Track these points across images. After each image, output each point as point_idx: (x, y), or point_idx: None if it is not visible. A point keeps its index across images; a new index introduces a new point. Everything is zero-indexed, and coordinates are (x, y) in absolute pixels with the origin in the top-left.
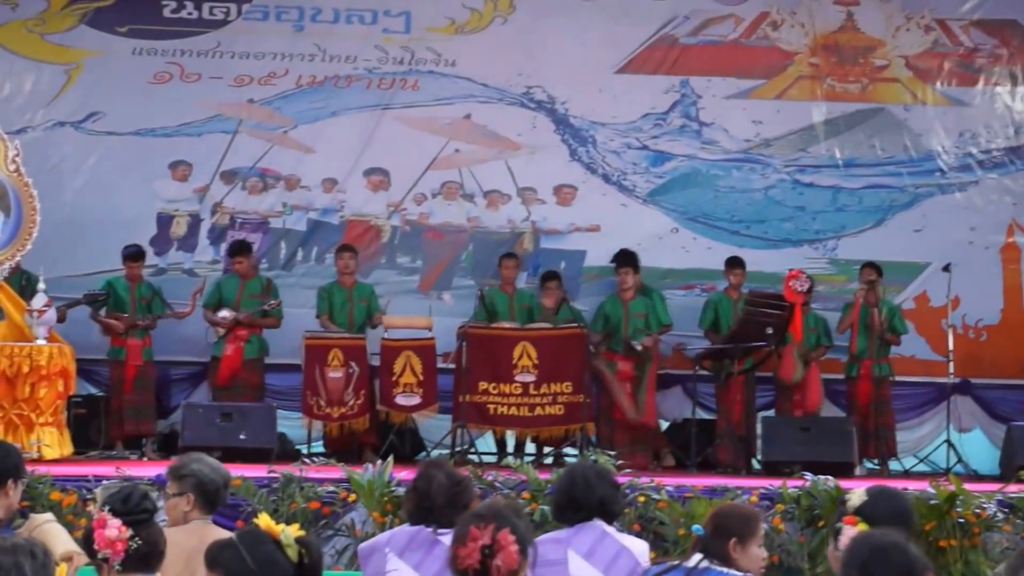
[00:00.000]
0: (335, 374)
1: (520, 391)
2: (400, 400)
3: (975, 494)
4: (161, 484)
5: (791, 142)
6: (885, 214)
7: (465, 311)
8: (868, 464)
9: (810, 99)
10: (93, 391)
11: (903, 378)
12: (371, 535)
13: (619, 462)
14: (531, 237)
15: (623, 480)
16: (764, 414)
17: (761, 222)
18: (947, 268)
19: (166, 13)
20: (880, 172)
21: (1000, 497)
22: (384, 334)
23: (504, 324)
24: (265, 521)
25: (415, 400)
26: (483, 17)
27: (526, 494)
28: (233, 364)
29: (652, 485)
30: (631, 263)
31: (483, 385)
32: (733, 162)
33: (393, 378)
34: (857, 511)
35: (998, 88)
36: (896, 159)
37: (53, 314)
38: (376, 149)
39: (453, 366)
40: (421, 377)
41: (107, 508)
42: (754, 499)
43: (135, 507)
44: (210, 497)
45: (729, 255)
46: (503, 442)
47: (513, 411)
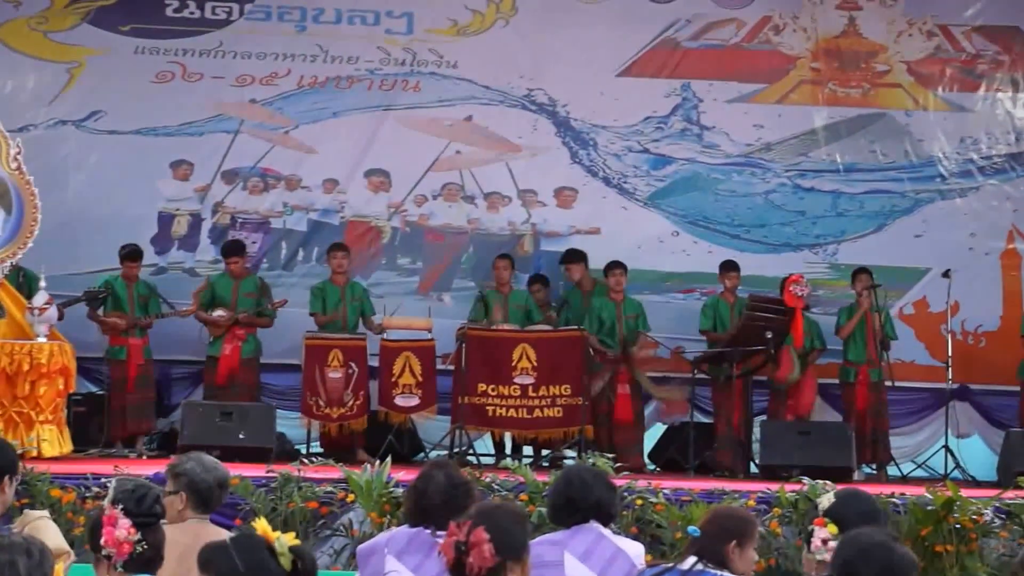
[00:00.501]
0: (335, 374)
1: (519, 393)
2: (399, 401)
3: (972, 500)
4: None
5: (792, 146)
6: (885, 219)
7: (464, 313)
8: (866, 469)
9: (811, 104)
10: (93, 389)
11: (902, 383)
12: (369, 535)
13: (617, 464)
14: (531, 239)
15: (621, 483)
16: (761, 418)
17: (761, 226)
18: (947, 274)
19: (169, 12)
20: (881, 177)
21: (997, 504)
22: (383, 335)
23: (504, 326)
24: (262, 527)
25: (414, 401)
26: (485, 19)
27: (523, 496)
28: (231, 364)
29: (650, 488)
30: (620, 265)
31: (482, 387)
32: (734, 166)
33: (392, 379)
34: (827, 513)
35: (999, 94)
36: (897, 164)
37: (54, 312)
38: (377, 150)
39: (452, 367)
40: (420, 378)
41: (120, 507)
42: (751, 503)
43: (147, 509)
44: (203, 497)
45: (727, 259)
46: (501, 444)
47: (512, 413)
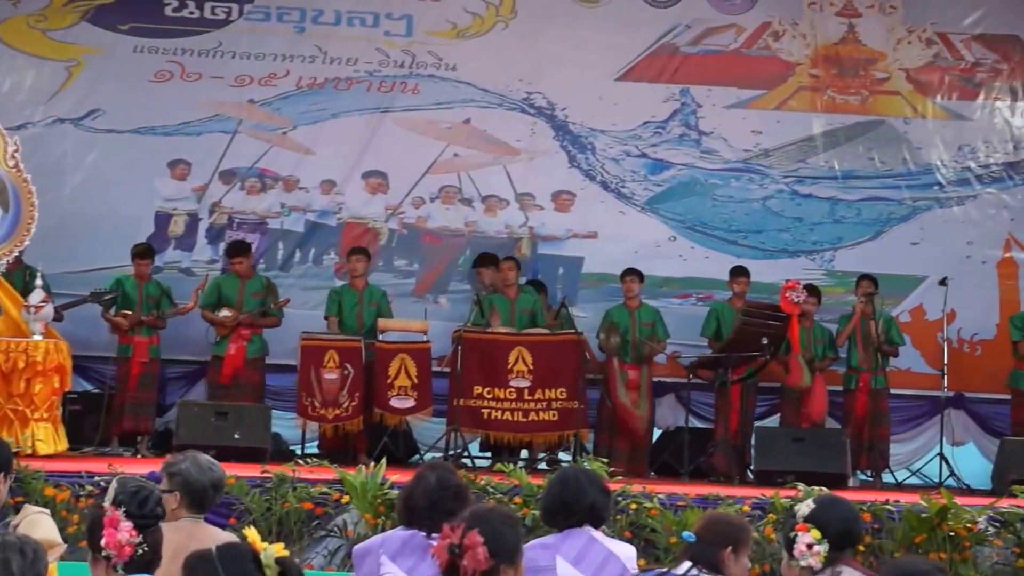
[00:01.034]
0: (330, 375)
1: (515, 396)
2: (394, 403)
3: (966, 508)
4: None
5: (790, 153)
6: (883, 227)
7: (461, 315)
8: (861, 476)
9: (810, 110)
10: (89, 388)
11: (897, 391)
12: (363, 536)
13: (612, 469)
14: (528, 243)
15: (615, 487)
16: (759, 424)
17: (758, 232)
18: (943, 282)
19: (168, 12)
20: (878, 185)
21: (991, 512)
22: (380, 337)
23: (500, 329)
24: (252, 536)
25: (409, 403)
26: (484, 22)
27: (518, 499)
28: (236, 363)
29: (644, 492)
30: (635, 272)
31: (478, 389)
32: (732, 172)
33: (388, 381)
34: (807, 519)
35: (998, 103)
36: (895, 172)
37: (50, 310)
38: (375, 152)
39: (448, 370)
40: (416, 380)
41: (123, 509)
42: (746, 508)
43: (149, 512)
44: (196, 498)
45: (727, 264)
46: (496, 446)
47: (507, 416)
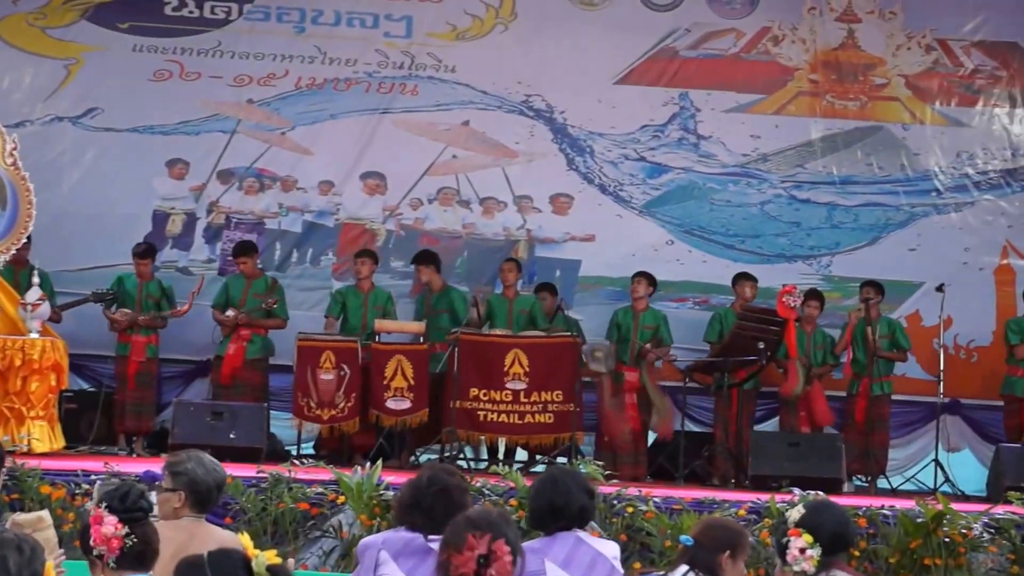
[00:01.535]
0: (327, 376)
1: (511, 398)
2: (390, 404)
3: (962, 514)
4: (148, 480)
5: (788, 158)
6: (880, 232)
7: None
8: (857, 481)
9: (809, 115)
10: (85, 386)
11: (893, 396)
12: (358, 537)
13: (607, 472)
14: (526, 245)
15: (610, 490)
16: (756, 428)
17: (756, 237)
18: (940, 288)
19: (167, 11)
20: (876, 190)
21: (986, 518)
22: (376, 338)
23: (496, 331)
24: (246, 542)
25: (405, 405)
26: (484, 24)
27: (513, 501)
28: (234, 363)
29: (640, 496)
30: (643, 274)
31: (474, 391)
32: (730, 176)
33: (384, 382)
34: (799, 524)
35: (997, 110)
36: (893, 178)
37: (47, 308)
38: (373, 153)
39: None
40: (412, 382)
41: (104, 505)
42: (742, 513)
43: (132, 505)
44: (201, 497)
45: (724, 268)
46: (493, 449)
47: (503, 418)
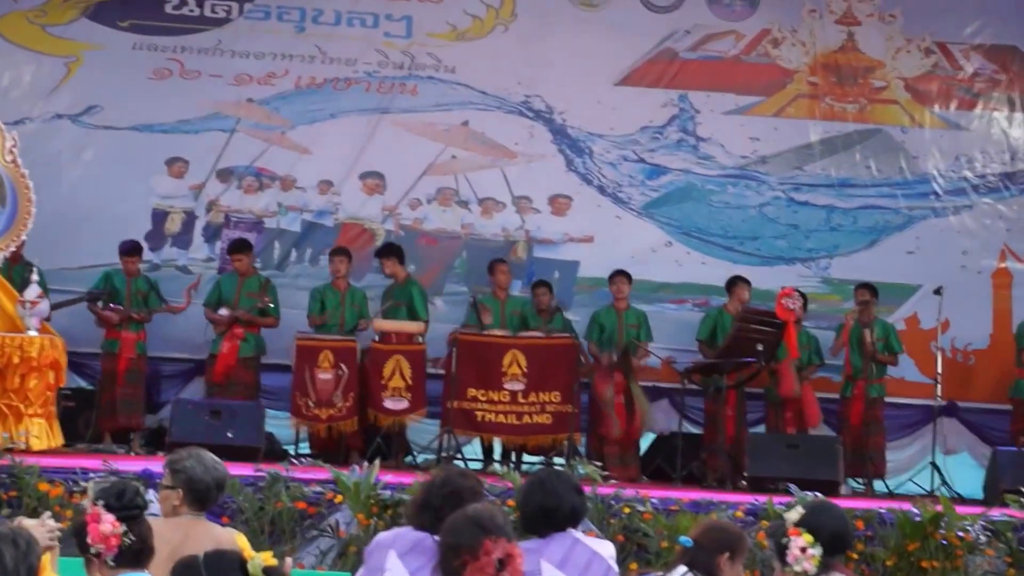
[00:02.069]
0: (325, 375)
1: (509, 399)
2: (388, 404)
3: (963, 515)
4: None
5: (787, 160)
6: (878, 235)
7: (457, 317)
8: (853, 484)
9: (808, 118)
10: (83, 384)
11: (891, 399)
12: (356, 537)
13: (605, 473)
14: (524, 246)
15: (608, 491)
16: (753, 430)
17: (755, 239)
18: (938, 291)
19: (168, 9)
20: (875, 193)
21: (983, 521)
22: (375, 338)
23: (495, 332)
24: (243, 543)
25: (403, 404)
26: (484, 25)
27: (511, 501)
28: (228, 362)
29: (637, 497)
30: (624, 273)
31: (472, 392)
32: (729, 178)
33: (382, 382)
34: (799, 523)
35: (996, 113)
36: (891, 181)
37: (46, 305)
38: (373, 153)
39: (443, 371)
40: (410, 382)
41: (101, 503)
42: (739, 514)
43: (129, 503)
44: (199, 496)
45: (723, 270)
46: (490, 449)
47: (501, 419)
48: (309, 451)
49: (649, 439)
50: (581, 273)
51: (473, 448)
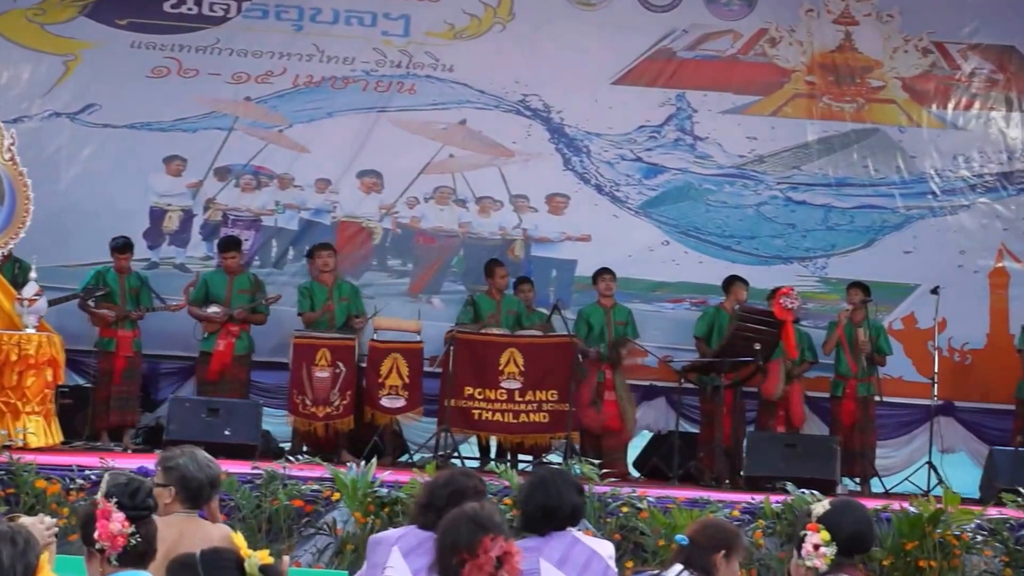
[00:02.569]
0: (322, 374)
1: (505, 397)
2: (385, 402)
3: (966, 510)
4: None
5: (785, 159)
6: (876, 234)
7: (454, 316)
8: (848, 484)
9: (805, 117)
10: (80, 382)
11: (888, 399)
12: (352, 534)
13: (603, 471)
14: (522, 245)
15: (605, 489)
16: (750, 429)
17: (752, 238)
18: (935, 291)
19: (166, 8)
20: (872, 193)
21: (978, 520)
22: (373, 336)
23: (492, 330)
24: (240, 541)
25: (400, 402)
26: (482, 23)
27: (508, 500)
28: (224, 360)
29: (634, 495)
30: (608, 271)
31: (469, 390)
32: (726, 177)
33: (379, 380)
34: (820, 519)
35: (993, 113)
36: (888, 180)
37: (44, 303)
38: (370, 151)
39: (440, 370)
40: (407, 380)
41: (114, 500)
42: (736, 513)
43: (141, 503)
44: (192, 493)
45: (720, 269)
46: (487, 447)
47: (498, 417)
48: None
49: (645, 437)
50: (578, 272)
51: (470, 446)
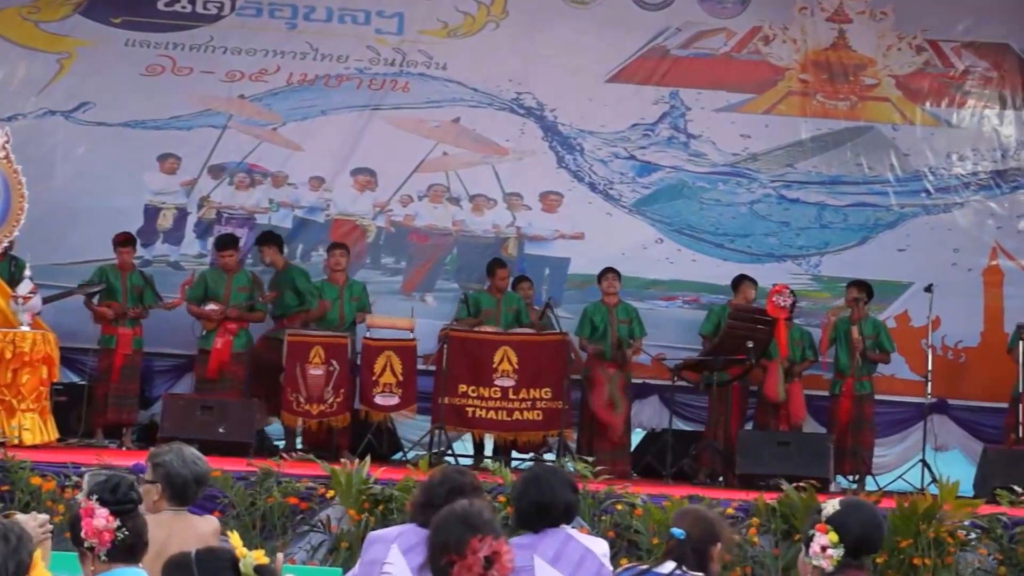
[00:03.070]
0: (316, 371)
1: (499, 395)
2: (379, 400)
3: (964, 500)
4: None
5: (778, 157)
6: (869, 232)
7: (447, 314)
8: (843, 482)
9: (799, 115)
10: (75, 379)
11: (882, 396)
12: (347, 532)
13: (597, 469)
14: (515, 243)
15: (600, 487)
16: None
17: (745, 236)
18: (929, 289)
19: (160, 6)
20: (866, 190)
21: (973, 519)
22: (366, 333)
23: (486, 328)
24: (235, 541)
25: (394, 400)
26: (476, 21)
27: (502, 497)
28: (222, 357)
29: (628, 493)
30: (612, 269)
31: (462, 388)
32: (720, 175)
33: (373, 377)
34: (830, 519)
35: (987, 111)
36: (882, 178)
37: (38, 301)
38: (364, 149)
39: (433, 368)
40: (401, 377)
41: (95, 497)
42: (730, 511)
43: (123, 497)
44: (177, 490)
45: (714, 267)
46: (482, 445)
47: (491, 415)
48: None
49: (639, 435)
50: (571, 270)
51: (463, 444)
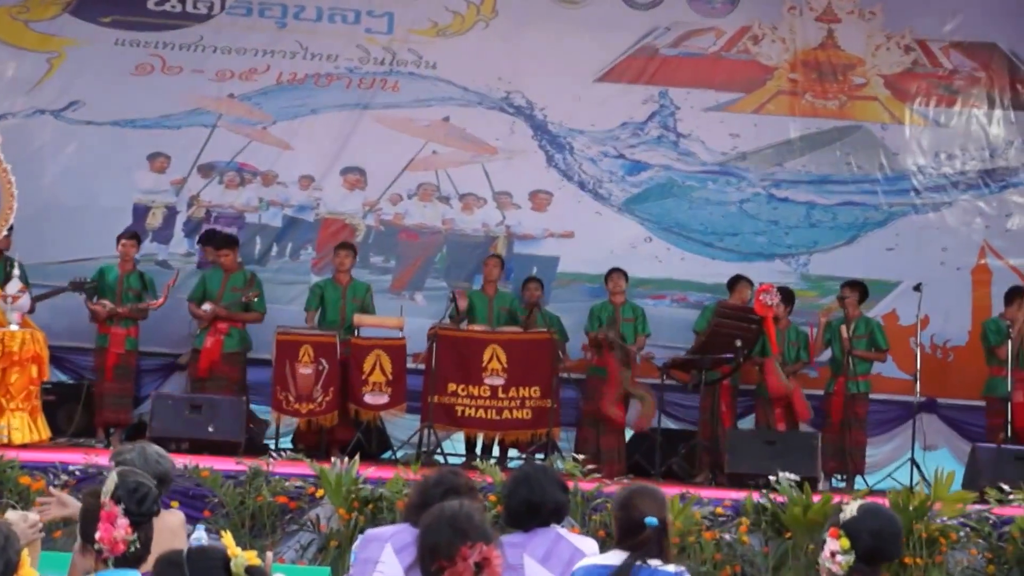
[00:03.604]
0: (305, 370)
1: (488, 394)
2: (368, 399)
3: (958, 495)
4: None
5: (767, 156)
6: (858, 231)
7: (437, 312)
8: (834, 481)
9: (788, 114)
10: (64, 379)
11: (870, 395)
12: (336, 531)
13: (587, 467)
14: (505, 241)
15: (590, 486)
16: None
17: (734, 235)
18: (918, 288)
19: (150, 5)
20: (855, 190)
21: (962, 518)
22: (355, 332)
23: (475, 327)
24: (228, 541)
25: (383, 399)
26: (465, 21)
27: (492, 496)
28: (212, 356)
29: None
30: (619, 269)
31: (452, 387)
32: (709, 174)
33: (362, 376)
34: (844, 525)
35: (975, 110)
36: (871, 177)
37: (27, 300)
38: (354, 148)
39: (423, 366)
40: (390, 376)
41: (121, 505)
42: (720, 511)
43: (147, 510)
44: None
45: (703, 266)
46: (474, 443)
47: (481, 413)
48: (292, 446)
49: (628, 434)
50: (561, 269)
51: (452, 443)
